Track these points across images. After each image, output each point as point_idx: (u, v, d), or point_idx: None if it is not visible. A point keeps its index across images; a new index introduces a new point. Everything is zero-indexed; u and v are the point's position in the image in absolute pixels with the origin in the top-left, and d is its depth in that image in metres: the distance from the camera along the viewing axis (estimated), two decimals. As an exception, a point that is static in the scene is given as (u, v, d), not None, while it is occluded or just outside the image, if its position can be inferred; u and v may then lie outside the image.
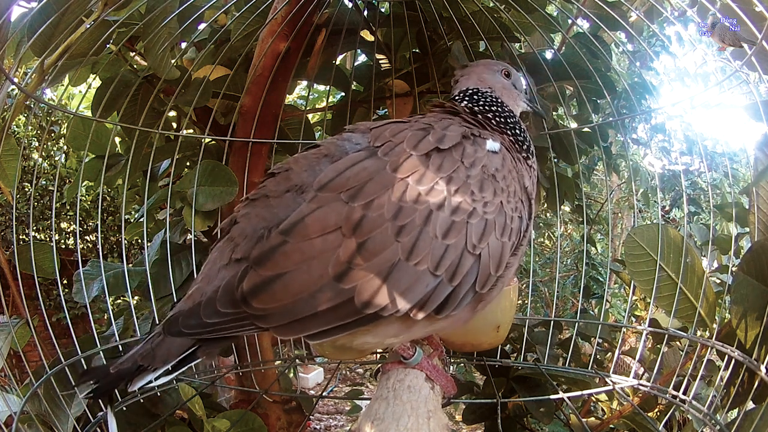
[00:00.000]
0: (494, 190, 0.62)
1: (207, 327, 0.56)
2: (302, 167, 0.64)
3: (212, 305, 0.56)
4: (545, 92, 1.15)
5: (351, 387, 3.78)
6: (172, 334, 0.56)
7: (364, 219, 0.56)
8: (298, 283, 0.55)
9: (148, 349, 0.56)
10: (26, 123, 3.27)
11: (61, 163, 3.28)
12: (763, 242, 0.80)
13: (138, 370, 0.55)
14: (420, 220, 0.57)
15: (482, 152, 0.64)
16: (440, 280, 0.57)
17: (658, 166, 3.03)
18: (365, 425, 0.58)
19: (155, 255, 1.07)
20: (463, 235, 0.58)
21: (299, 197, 0.61)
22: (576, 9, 1.31)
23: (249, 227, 0.61)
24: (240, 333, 0.57)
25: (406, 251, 0.56)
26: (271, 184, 0.65)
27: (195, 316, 0.56)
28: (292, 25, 1.08)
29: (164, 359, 0.56)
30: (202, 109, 1.19)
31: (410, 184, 0.58)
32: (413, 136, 0.63)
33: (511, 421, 1.27)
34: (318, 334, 0.56)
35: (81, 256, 1.04)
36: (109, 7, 0.83)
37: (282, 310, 0.55)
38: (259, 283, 0.55)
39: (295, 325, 0.55)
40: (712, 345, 0.84)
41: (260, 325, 0.56)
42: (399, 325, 0.59)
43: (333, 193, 0.58)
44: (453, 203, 0.59)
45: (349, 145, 0.65)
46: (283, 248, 0.56)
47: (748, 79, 0.78)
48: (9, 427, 0.72)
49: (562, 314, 2.82)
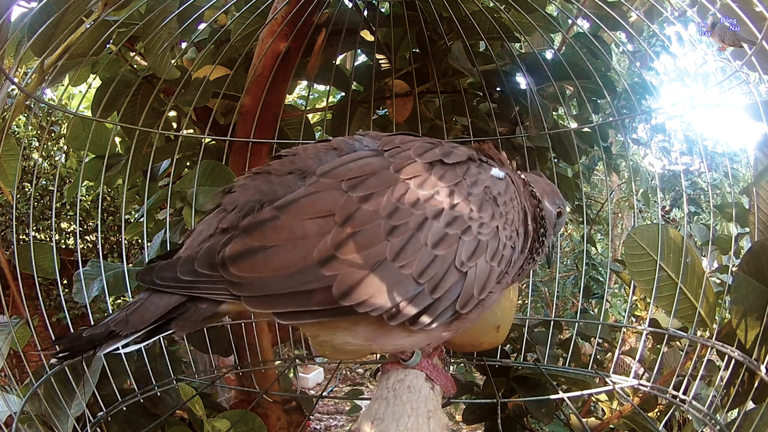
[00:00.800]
0: (492, 213, 0.61)
1: (180, 283, 0.56)
2: (309, 154, 0.64)
3: (190, 263, 0.56)
4: (545, 92, 1.15)
5: (351, 387, 3.78)
6: (144, 282, 0.56)
7: (358, 211, 0.56)
8: (280, 259, 0.55)
9: (122, 315, 0.56)
10: (26, 123, 3.27)
11: (61, 163, 3.28)
12: (763, 242, 0.80)
13: (110, 335, 0.55)
14: (414, 224, 0.57)
15: (486, 175, 0.64)
16: (422, 289, 0.57)
17: (658, 166, 3.03)
18: (365, 425, 0.58)
19: (155, 255, 1.07)
20: (453, 250, 0.58)
21: (300, 180, 0.61)
22: (576, 9, 1.31)
23: (243, 198, 0.61)
24: (211, 297, 0.57)
25: (393, 252, 0.56)
26: (275, 164, 0.65)
27: (171, 269, 0.56)
28: (292, 25, 1.08)
29: (136, 326, 0.55)
30: (202, 109, 1.19)
31: (411, 187, 0.58)
32: (421, 146, 0.64)
33: (511, 421, 1.27)
34: (288, 314, 0.56)
35: (81, 256, 1.03)
36: (109, 7, 0.83)
37: (258, 282, 0.55)
38: (242, 251, 0.56)
39: (267, 299, 0.55)
40: (712, 345, 0.84)
41: (233, 291, 0.55)
42: (374, 329, 0.59)
43: (334, 180, 0.58)
44: (449, 215, 0.58)
45: (359, 145, 0.66)
46: (273, 222, 0.56)
47: (748, 79, 0.78)
48: (9, 427, 0.72)
49: (562, 314, 2.82)
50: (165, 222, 1.12)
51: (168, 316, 0.57)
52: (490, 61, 1.15)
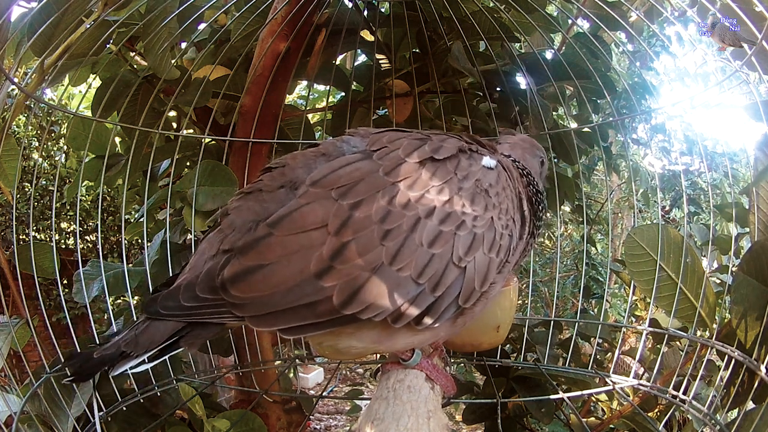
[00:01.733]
0: (486, 205, 0.61)
1: (184, 310, 0.56)
2: (298, 164, 0.65)
3: (192, 289, 0.57)
4: (545, 92, 1.15)
5: (351, 387, 3.78)
6: (149, 313, 0.57)
7: (350, 219, 0.56)
8: (277, 275, 0.55)
9: (131, 335, 0.56)
10: (26, 123, 3.27)
11: (61, 163, 3.28)
12: (763, 242, 0.80)
13: (121, 356, 0.56)
14: (407, 225, 0.57)
15: (477, 167, 0.64)
16: (422, 289, 0.57)
17: (658, 166, 3.03)
18: (365, 425, 0.58)
19: (155, 255, 1.07)
20: (450, 246, 0.58)
21: (291, 193, 0.61)
22: (576, 9, 1.31)
23: (239, 219, 0.61)
24: (216, 320, 0.57)
25: (390, 256, 0.56)
26: (266, 179, 0.65)
27: (174, 298, 0.57)
28: (292, 25, 1.08)
29: (147, 346, 0.56)
30: (202, 109, 1.19)
31: (401, 189, 0.58)
32: (409, 144, 0.63)
33: (511, 421, 1.27)
34: (292, 329, 0.56)
35: (81, 256, 1.03)
36: (109, 7, 0.83)
37: (259, 300, 0.55)
38: (239, 272, 0.56)
39: (269, 317, 0.55)
40: (712, 345, 0.84)
41: (236, 313, 0.56)
42: (380, 331, 0.59)
43: (323, 190, 0.58)
44: (442, 213, 0.58)
45: (347, 147, 0.66)
46: (267, 240, 0.56)
47: (748, 79, 0.78)
48: (9, 427, 0.72)
49: (562, 314, 2.82)
50: (165, 222, 1.12)
51: (177, 335, 0.58)
52: (490, 61, 1.15)
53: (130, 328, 0.58)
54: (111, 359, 0.56)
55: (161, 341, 0.57)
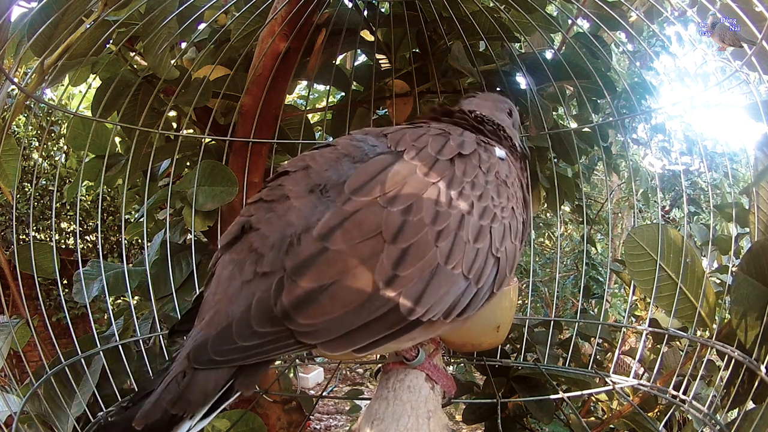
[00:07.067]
0: (507, 196, 0.64)
1: (244, 351, 0.49)
2: (322, 165, 0.61)
3: (247, 325, 0.50)
4: (545, 92, 1.15)
5: (351, 387, 3.78)
6: (203, 364, 0.49)
7: (405, 224, 0.55)
8: (345, 293, 0.52)
9: (176, 392, 0.48)
10: (26, 123, 3.27)
11: (61, 163, 3.28)
12: (763, 242, 0.80)
13: (171, 420, 0.47)
14: (454, 224, 0.57)
15: (494, 158, 0.66)
16: (469, 283, 0.58)
17: (658, 166, 3.04)
18: (365, 425, 0.58)
19: (155, 255, 1.07)
20: (489, 239, 0.59)
21: (325, 198, 0.58)
22: (576, 9, 1.31)
23: (274, 234, 0.56)
24: (282, 354, 0.52)
25: (444, 256, 0.56)
26: (289, 183, 0.60)
27: (227, 340, 0.49)
28: (292, 25, 1.08)
29: (202, 401, 0.48)
30: (202, 109, 1.19)
31: (441, 188, 0.58)
32: (435, 141, 0.63)
33: (511, 421, 1.27)
34: (367, 346, 0.53)
35: (81, 256, 1.04)
36: (109, 7, 0.83)
37: (330, 324, 0.51)
38: (302, 296, 0.51)
39: (344, 339, 0.51)
40: (712, 345, 0.84)
41: (306, 341, 0.51)
42: (422, 328, 0.57)
43: (369, 198, 0.56)
44: (480, 208, 0.60)
45: (367, 146, 0.64)
46: (324, 256, 0.52)
47: (748, 79, 0.78)
48: (9, 427, 0.72)
49: (562, 314, 2.82)
50: (165, 222, 1.12)
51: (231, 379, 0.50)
52: (490, 61, 1.15)
53: (167, 381, 0.50)
54: (162, 426, 0.47)
55: (216, 392, 0.49)
